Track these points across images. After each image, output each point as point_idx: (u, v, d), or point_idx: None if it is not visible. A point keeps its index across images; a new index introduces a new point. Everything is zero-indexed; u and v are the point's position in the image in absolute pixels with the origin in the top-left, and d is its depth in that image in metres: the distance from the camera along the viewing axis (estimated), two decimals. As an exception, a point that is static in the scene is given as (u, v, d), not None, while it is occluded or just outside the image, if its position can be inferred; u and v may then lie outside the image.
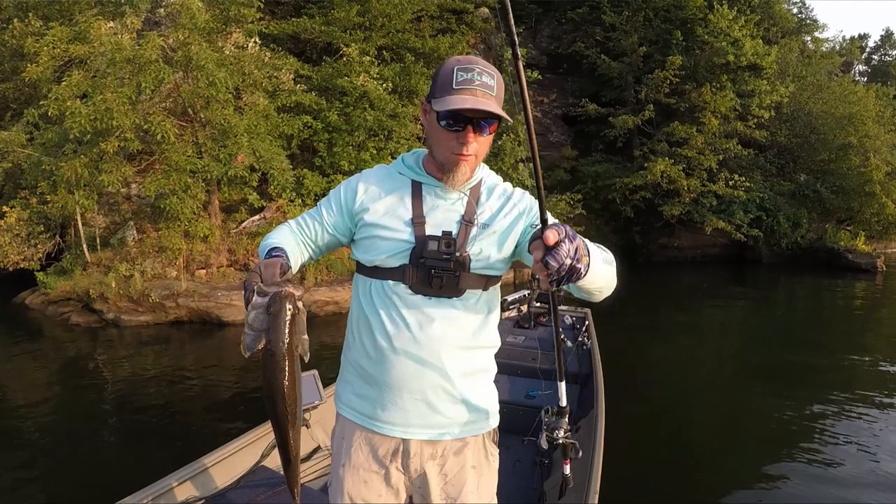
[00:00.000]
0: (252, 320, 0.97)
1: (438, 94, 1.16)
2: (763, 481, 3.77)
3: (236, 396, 5.26)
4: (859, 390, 5.54)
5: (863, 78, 29.13)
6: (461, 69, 1.14)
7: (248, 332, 0.98)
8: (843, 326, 9.12)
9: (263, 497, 2.20)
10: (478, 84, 1.13)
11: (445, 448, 1.29)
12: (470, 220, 1.25)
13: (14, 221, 8.62)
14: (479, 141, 1.19)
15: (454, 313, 1.24)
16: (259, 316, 0.96)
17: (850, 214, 16.96)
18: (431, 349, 1.22)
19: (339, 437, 1.36)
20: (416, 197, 1.26)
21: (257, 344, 0.97)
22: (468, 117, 1.14)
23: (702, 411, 5.19)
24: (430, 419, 1.26)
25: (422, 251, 1.21)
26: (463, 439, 1.30)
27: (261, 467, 2.36)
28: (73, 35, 8.10)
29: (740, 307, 10.76)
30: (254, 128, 8.19)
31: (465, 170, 1.22)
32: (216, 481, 2.29)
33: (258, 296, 0.96)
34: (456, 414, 1.28)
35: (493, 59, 16.53)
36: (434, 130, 1.20)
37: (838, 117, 16.95)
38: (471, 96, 1.12)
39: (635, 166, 15.85)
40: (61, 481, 3.73)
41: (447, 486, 1.30)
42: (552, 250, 0.91)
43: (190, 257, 8.50)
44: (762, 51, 15.26)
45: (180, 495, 2.13)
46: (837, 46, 26.62)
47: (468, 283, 1.24)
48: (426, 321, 1.22)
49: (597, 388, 3.12)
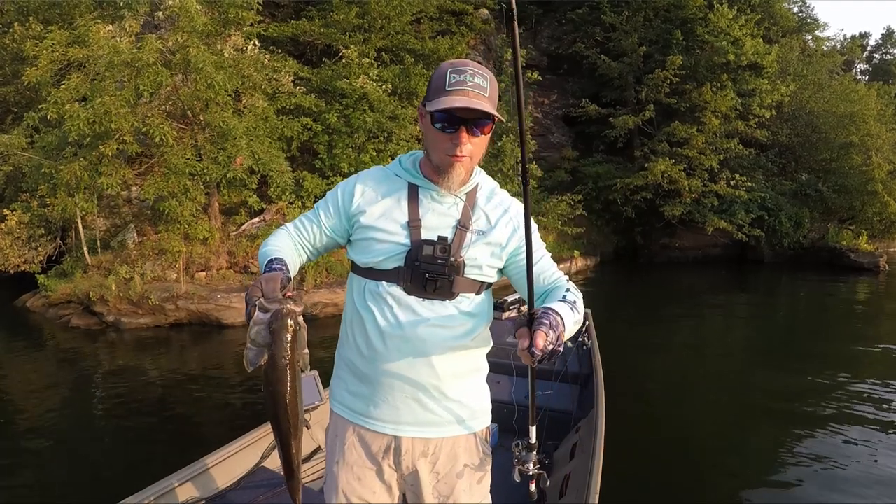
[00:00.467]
0: (255, 336, 0.99)
1: (432, 96, 1.17)
2: (764, 482, 3.74)
3: (236, 398, 5.26)
4: (863, 391, 5.50)
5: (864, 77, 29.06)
6: (454, 71, 1.15)
7: (250, 348, 1.00)
8: (846, 326, 9.06)
9: (264, 498, 2.21)
10: (470, 85, 1.14)
11: (437, 446, 1.30)
12: (465, 226, 1.26)
13: (14, 224, 8.64)
14: (474, 142, 1.20)
15: (447, 315, 1.25)
16: (262, 332, 0.99)
17: (853, 213, 16.89)
18: (423, 349, 1.23)
19: (333, 435, 1.37)
20: (413, 200, 1.27)
21: (260, 359, 1.00)
22: (462, 118, 1.15)
23: (703, 412, 5.15)
24: (422, 417, 1.27)
25: (417, 255, 1.22)
26: (454, 438, 1.31)
27: (261, 468, 2.37)
28: (72, 39, 8.11)
29: (742, 307, 10.71)
30: (253, 130, 8.18)
31: (460, 171, 1.23)
32: (217, 482, 2.30)
33: (260, 312, 0.99)
34: (447, 413, 1.29)
35: (492, 60, 16.55)
36: (429, 133, 1.22)
37: (840, 116, 16.89)
38: (463, 97, 1.13)
39: (636, 167, 15.83)
40: (62, 482, 3.72)
41: (439, 485, 1.31)
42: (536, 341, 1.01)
43: (190, 260, 8.49)
44: (763, 50, 15.24)
45: (181, 496, 2.14)
46: (838, 45, 26.55)
47: (462, 287, 1.26)
48: (419, 322, 1.23)
49: (597, 389, 3.11)
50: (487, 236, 1.28)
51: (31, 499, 3.55)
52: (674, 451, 4.20)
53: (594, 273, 14.70)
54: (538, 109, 18.18)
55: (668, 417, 4.92)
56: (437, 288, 1.23)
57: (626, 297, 12.09)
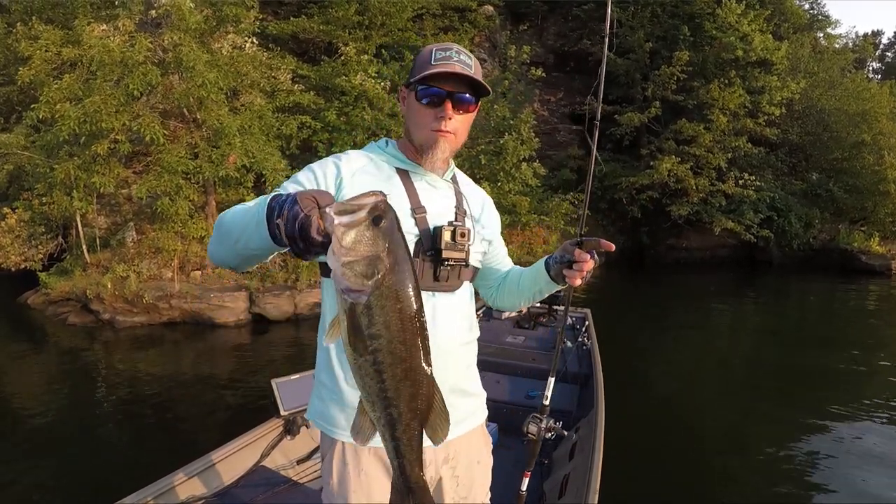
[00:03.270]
0: (352, 243, 0.69)
1: (416, 73, 1.16)
2: (763, 486, 3.68)
3: (231, 398, 5.23)
4: (873, 397, 5.33)
5: (877, 76, 28.52)
6: (439, 49, 1.16)
7: (351, 263, 0.68)
8: (857, 331, 8.82)
9: (263, 497, 2.23)
10: (455, 60, 1.14)
11: (457, 448, 1.27)
12: (465, 211, 1.25)
13: (14, 223, 8.72)
14: (458, 119, 1.17)
15: (454, 307, 1.22)
16: (364, 235, 0.70)
17: (864, 214, 16.51)
18: (444, 348, 1.17)
19: (341, 467, 1.18)
20: (408, 185, 1.20)
21: (377, 270, 0.69)
22: (448, 91, 1.14)
23: (705, 414, 5.10)
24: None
25: (433, 243, 1.16)
26: (469, 433, 1.30)
27: (260, 467, 2.40)
28: (66, 38, 8.09)
29: (750, 311, 10.50)
30: (247, 128, 8.10)
31: (445, 148, 1.18)
32: (216, 481, 2.29)
33: (343, 215, 0.70)
34: (465, 408, 1.27)
35: (497, 57, 16.37)
36: (412, 110, 1.19)
37: (851, 114, 16.52)
38: (449, 68, 1.13)
39: (642, 165, 15.58)
40: (60, 481, 3.71)
41: (459, 488, 1.29)
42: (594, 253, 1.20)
43: (185, 258, 8.47)
44: (772, 46, 14.92)
45: (180, 495, 2.13)
46: (850, 43, 26.04)
47: (466, 275, 1.25)
48: (436, 319, 1.17)
49: (597, 389, 3.11)
50: (480, 222, 1.29)
51: (28, 496, 3.53)
52: (674, 452, 4.19)
53: (599, 274, 14.45)
54: (544, 107, 18.00)
55: (670, 419, 4.89)
56: (449, 277, 1.19)
57: (631, 298, 11.92)
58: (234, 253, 0.99)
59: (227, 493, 2.24)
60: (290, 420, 2.66)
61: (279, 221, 0.78)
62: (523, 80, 14.61)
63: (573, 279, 1.19)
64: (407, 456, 0.82)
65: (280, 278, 8.46)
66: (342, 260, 0.69)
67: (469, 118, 1.20)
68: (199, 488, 2.22)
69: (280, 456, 2.61)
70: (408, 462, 0.83)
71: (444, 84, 1.13)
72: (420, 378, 0.75)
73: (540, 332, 4.52)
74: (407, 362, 0.74)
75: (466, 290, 1.27)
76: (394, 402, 0.76)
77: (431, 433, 0.83)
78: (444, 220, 1.19)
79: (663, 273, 15.04)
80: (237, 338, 7.45)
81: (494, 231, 1.37)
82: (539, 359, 3.81)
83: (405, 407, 0.76)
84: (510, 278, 1.41)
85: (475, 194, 1.34)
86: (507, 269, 1.43)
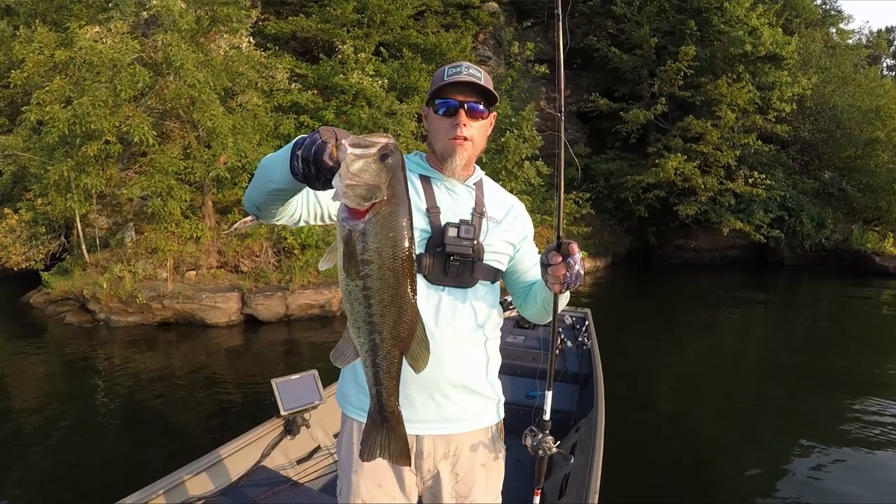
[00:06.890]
0: (359, 170, 0.77)
1: (433, 90, 1.30)
2: (764, 488, 3.61)
3: (224, 398, 5.21)
4: (887, 405, 5.08)
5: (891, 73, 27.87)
6: (451, 67, 1.30)
7: (354, 185, 0.76)
8: (870, 334, 8.57)
9: (263, 497, 2.23)
10: (466, 74, 1.27)
11: (459, 444, 1.31)
12: (481, 213, 1.32)
13: (14, 223, 8.78)
14: (474, 126, 1.29)
15: (467, 304, 1.28)
16: (370, 166, 0.78)
17: (878, 214, 16.09)
18: (446, 341, 1.24)
19: (348, 442, 1.32)
20: (427, 189, 1.31)
21: (376, 195, 0.78)
22: (460, 101, 1.26)
23: (707, 416, 5.00)
24: (446, 411, 1.28)
25: (441, 238, 1.25)
26: (474, 433, 1.32)
27: (260, 467, 2.41)
28: (60, 41, 8.07)
29: (759, 313, 10.25)
30: (240, 127, 8.02)
31: (463, 155, 1.29)
32: (217, 480, 2.31)
33: (356, 148, 0.78)
34: (469, 405, 1.30)
35: (502, 55, 16.16)
36: (433, 124, 1.32)
37: (865, 111, 16.08)
38: (460, 79, 1.26)
39: (649, 163, 15.29)
40: (59, 480, 3.69)
41: (458, 485, 1.33)
42: (569, 258, 1.15)
43: (180, 258, 8.42)
44: (782, 40, 14.55)
45: (180, 495, 2.14)
46: (864, 39, 25.46)
47: (480, 273, 1.30)
48: (441, 312, 1.25)
49: (597, 389, 3.12)
50: (501, 225, 1.35)
51: (26, 495, 3.52)
52: (674, 453, 4.12)
53: (605, 274, 14.24)
54: (550, 105, 17.74)
55: (671, 420, 4.83)
56: (459, 272, 1.26)
57: (637, 300, 11.73)
58: (261, 189, 1.05)
59: (227, 492, 2.25)
60: (290, 420, 2.67)
61: (299, 152, 0.85)
62: (528, 77, 14.39)
63: (552, 286, 1.20)
64: (385, 384, 0.90)
65: (274, 279, 8.36)
66: (346, 182, 0.77)
67: (484, 126, 1.33)
68: (200, 488, 2.23)
69: (280, 456, 2.64)
70: (385, 390, 0.91)
71: (457, 95, 1.26)
72: (405, 305, 0.83)
73: (540, 331, 4.51)
74: (394, 289, 0.81)
75: (483, 288, 1.32)
76: (378, 327, 0.84)
77: (412, 361, 0.89)
78: (457, 219, 1.28)
79: (671, 274, 14.80)
80: (229, 338, 7.42)
81: (520, 236, 1.40)
82: (539, 358, 3.83)
83: (388, 333, 0.84)
84: (534, 288, 1.43)
85: (502, 200, 1.41)
86: (535, 279, 1.43)
